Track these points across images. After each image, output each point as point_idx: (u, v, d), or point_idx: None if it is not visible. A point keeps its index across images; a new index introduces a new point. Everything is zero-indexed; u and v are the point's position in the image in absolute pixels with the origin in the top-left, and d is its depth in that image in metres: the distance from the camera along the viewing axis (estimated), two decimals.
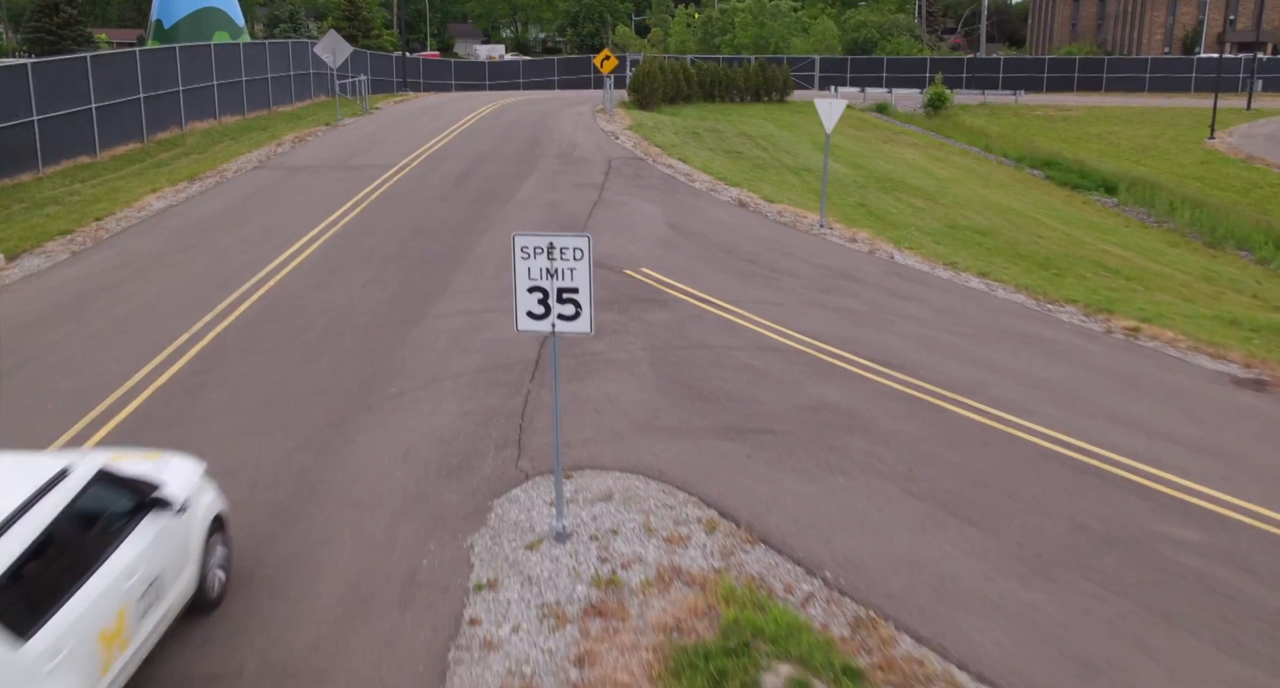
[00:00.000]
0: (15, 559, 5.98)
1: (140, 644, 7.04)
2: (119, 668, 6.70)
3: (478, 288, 16.89)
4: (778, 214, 23.55)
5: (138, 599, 7.00)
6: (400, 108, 45.55)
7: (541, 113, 43.46)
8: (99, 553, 6.82)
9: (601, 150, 31.84)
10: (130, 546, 7.09)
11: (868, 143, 49.72)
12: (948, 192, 33.87)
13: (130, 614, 6.88)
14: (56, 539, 6.45)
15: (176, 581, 7.60)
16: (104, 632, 6.53)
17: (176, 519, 7.70)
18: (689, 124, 44.30)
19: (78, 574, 6.55)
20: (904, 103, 71.37)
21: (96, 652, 6.43)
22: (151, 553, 7.26)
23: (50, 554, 6.36)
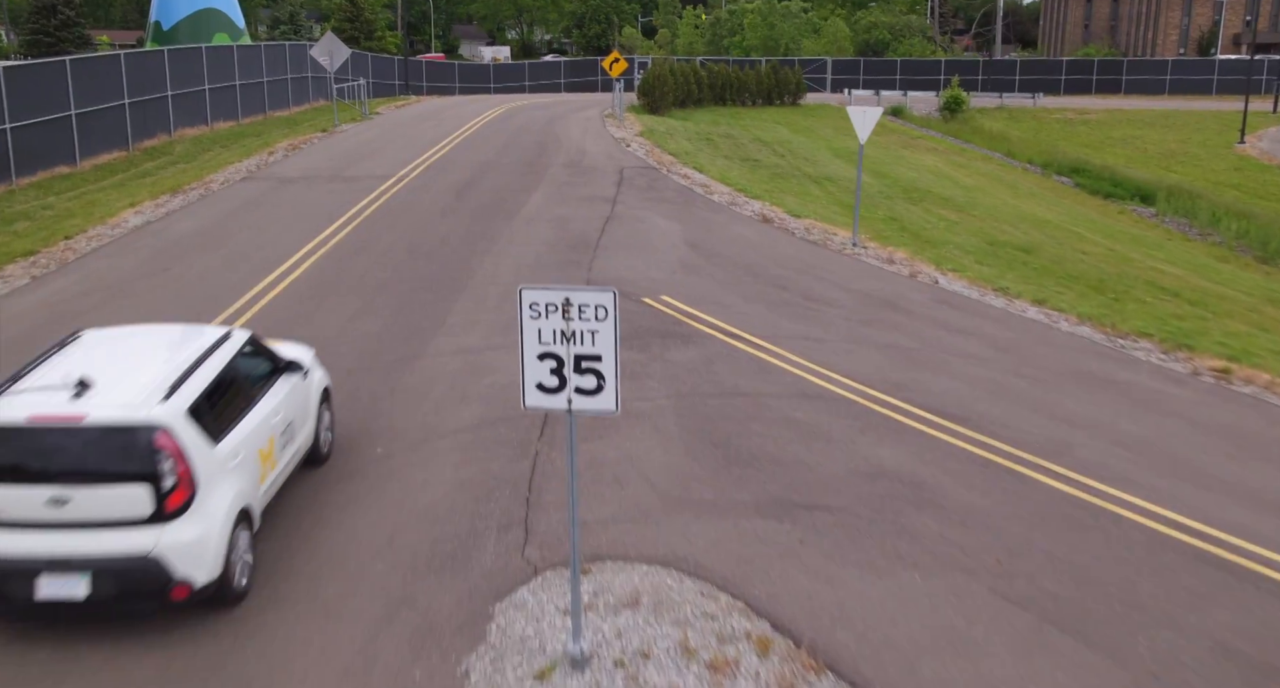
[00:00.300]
0: (204, 390, 8.29)
1: (281, 469, 9.37)
2: (270, 482, 9.06)
3: (479, 321, 15.06)
4: (805, 231, 21.68)
5: (280, 434, 9.32)
6: (401, 112, 43.75)
7: (548, 118, 41.64)
8: (254, 396, 9.12)
9: (612, 159, 30.00)
10: (273, 395, 9.41)
11: (886, 148, 47.83)
12: (977, 202, 31.99)
13: (276, 443, 9.19)
14: (226, 381, 8.73)
15: (302, 430, 9.96)
16: (261, 451, 8.84)
17: (302, 382, 10.09)
18: (702, 129, 42.46)
19: (242, 408, 8.82)
20: (919, 106, 69.49)
21: (257, 464, 8.75)
22: (286, 403, 9.58)
23: (224, 391, 8.63)
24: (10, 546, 7.58)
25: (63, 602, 7.58)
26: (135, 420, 7.72)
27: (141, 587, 7.64)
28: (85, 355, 8.68)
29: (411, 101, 50.55)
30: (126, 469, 7.62)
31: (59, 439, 7.66)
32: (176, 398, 8.04)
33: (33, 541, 7.59)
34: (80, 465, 7.62)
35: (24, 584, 7.55)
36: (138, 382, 8.15)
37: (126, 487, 7.60)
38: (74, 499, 7.55)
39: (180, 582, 7.67)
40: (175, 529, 7.71)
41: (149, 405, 7.85)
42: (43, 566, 7.54)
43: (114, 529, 7.64)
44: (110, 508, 7.61)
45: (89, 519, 7.61)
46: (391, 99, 51.90)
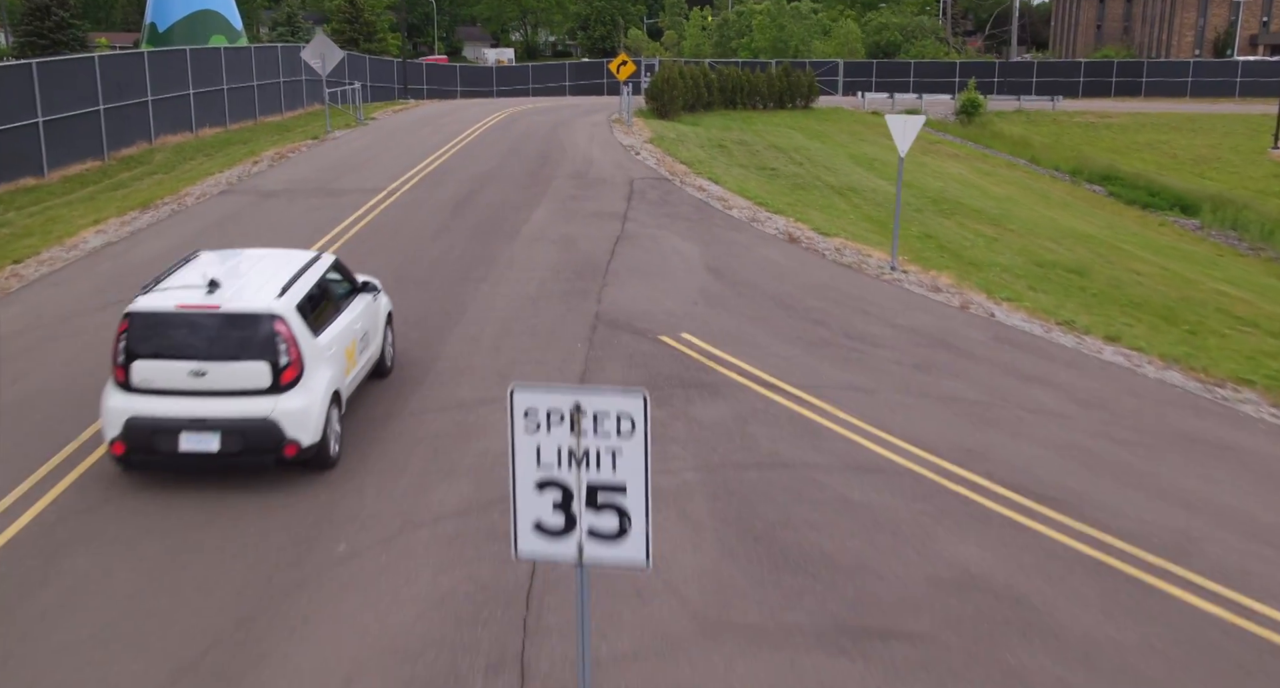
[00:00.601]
0: (306, 293, 10.25)
1: (360, 368, 11.26)
2: (352, 376, 10.94)
3: (471, 367, 12.94)
4: (837, 252, 19.53)
5: (359, 339, 11.22)
6: (399, 118, 41.64)
7: (553, 123, 39.53)
8: (340, 306, 11.02)
9: (621, 169, 27.88)
10: (353, 308, 11.28)
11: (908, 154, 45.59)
12: (1011, 214, 29.83)
13: (356, 347, 11.07)
14: (321, 290, 10.69)
15: (374, 340, 11.82)
16: (347, 349, 10.75)
17: (374, 301, 11.99)
18: (714, 135, 40.34)
19: (331, 313, 10.71)
20: (934, 109, 67.28)
21: (344, 359, 10.62)
22: (363, 316, 11.45)
23: (319, 297, 10.58)
24: (159, 408, 9.44)
25: (199, 454, 9.42)
26: (259, 309, 9.65)
27: (260, 444, 9.49)
28: (206, 267, 10.44)
29: (410, 106, 48.46)
30: (251, 349, 9.52)
31: (199, 323, 9.55)
32: (288, 296, 9.99)
33: (176, 405, 9.45)
34: (215, 345, 9.51)
35: (169, 439, 9.42)
36: (256, 283, 10.13)
37: (251, 363, 9.51)
38: (209, 372, 9.47)
39: (290, 441, 9.53)
40: (287, 399, 9.56)
41: (268, 299, 9.80)
42: (184, 424, 9.40)
43: (240, 397, 9.50)
44: (237, 380, 9.50)
45: (221, 388, 9.49)
46: (390, 103, 49.81)
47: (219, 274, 10.11)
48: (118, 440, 9.55)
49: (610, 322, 14.68)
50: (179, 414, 9.44)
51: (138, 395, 9.58)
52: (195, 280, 10.05)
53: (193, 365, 9.50)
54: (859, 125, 56.78)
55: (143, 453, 9.58)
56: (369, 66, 52.91)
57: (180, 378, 9.51)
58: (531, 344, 13.74)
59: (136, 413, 9.50)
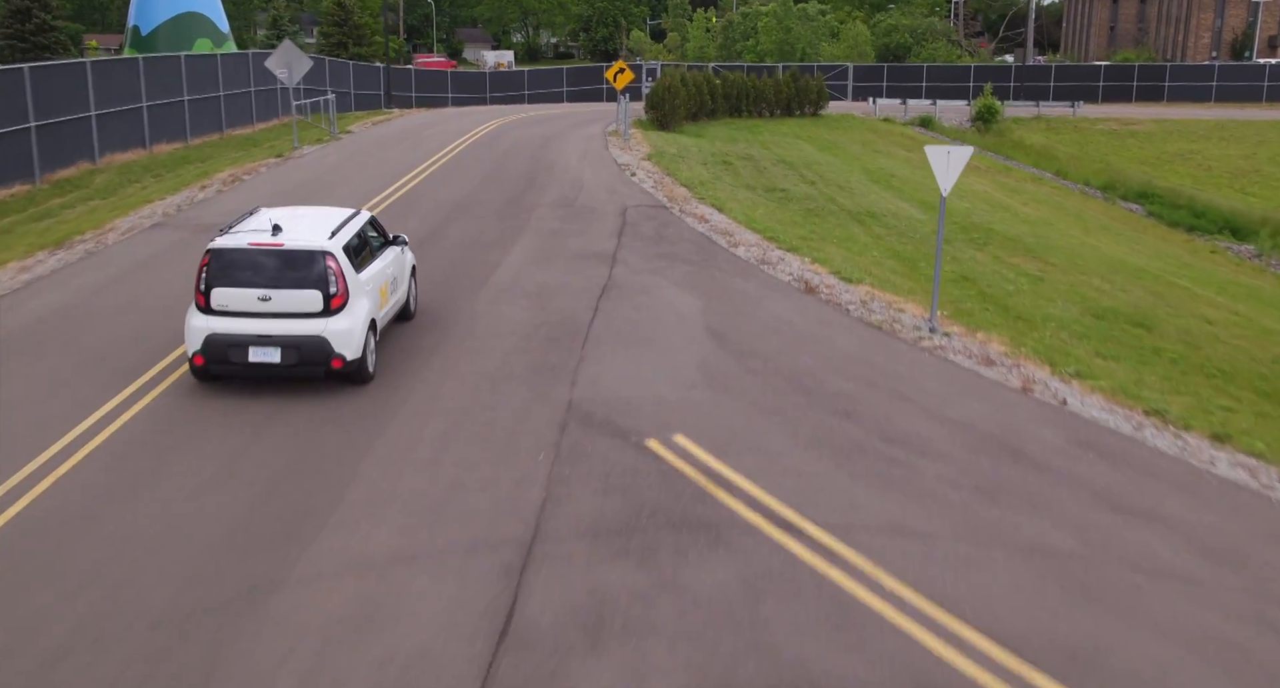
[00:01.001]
0: (350, 237, 12.48)
1: (390, 306, 13.44)
2: (385, 310, 13.09)
3: (397, 492, 9.83)
4: (863, 306, 16.38)
5: (390, 281, 13.40)
6: (377, 130, 38.51)
7: (544, 136, 36.42)
8: (376, 253, 13.26)
9: (614, 194, 24.77)
10: (385, 256, 13.48)
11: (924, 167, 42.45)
12: (1050, 243, 26.68)
13: (388, 289, 13.26)
14: (362, 237, 12.98)
15: (401, 285, 14.03)
16: (381, 288, 12.88)
17: (402, 254, 14.28)
18: (718, 149, 37.21)
19: (369, 257, 12.90)
20: (949, 115, 64.14)
21: (379, 295, 12.75)
22: (394, 264, 13.70)
23: (360, 243, 12.82)
24: (233, 327, 11.69)
25: (264, 364, 11.69)
26: (314, 247, 11.90)
27: (313, 357, 11.71)
28: (264, 215, 12.99)
29: (393, 116, 45.34)
30: (307, 280, 11.76)
31: (266, 258, 11.79)
32: (337, 238, 12.30)
33: (247, 324, 11.70)
34: (279, 276, 11.75)
35: (241, 352, 11.69)
36: (310, 227, 12.45)
37: (307, 291, 11.75)
38: (273, 298, 11.74)
39: (338, 355, 11.74)
40: (335, 321, 11.78)
41: (322, 239, 12.07)
42: (252, 340, 11.68)
43: (297, 319, 11.74)
44: (295, 304, 11.75)
45: (282, 311, 11.76)
46: (372, 113, 46.66)
47: (281, 220, 12.54)
48: (198, 353, 11.75)
49: (585, 416, 11.56)
50: (248, 331, 11.65)
51: (215, 317, 11.75)
52: (262, 225, 12.34)
53: (260, 292, 11.71)
54: (871, 134, 53.63)
55: (218, 364, 11.74)
56: (352, 73, 49.85)
57: (249, 302, 11.70)
58: (481, 457, 10.59)
59: (214, 331, 11.69)
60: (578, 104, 62.13)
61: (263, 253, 11.77)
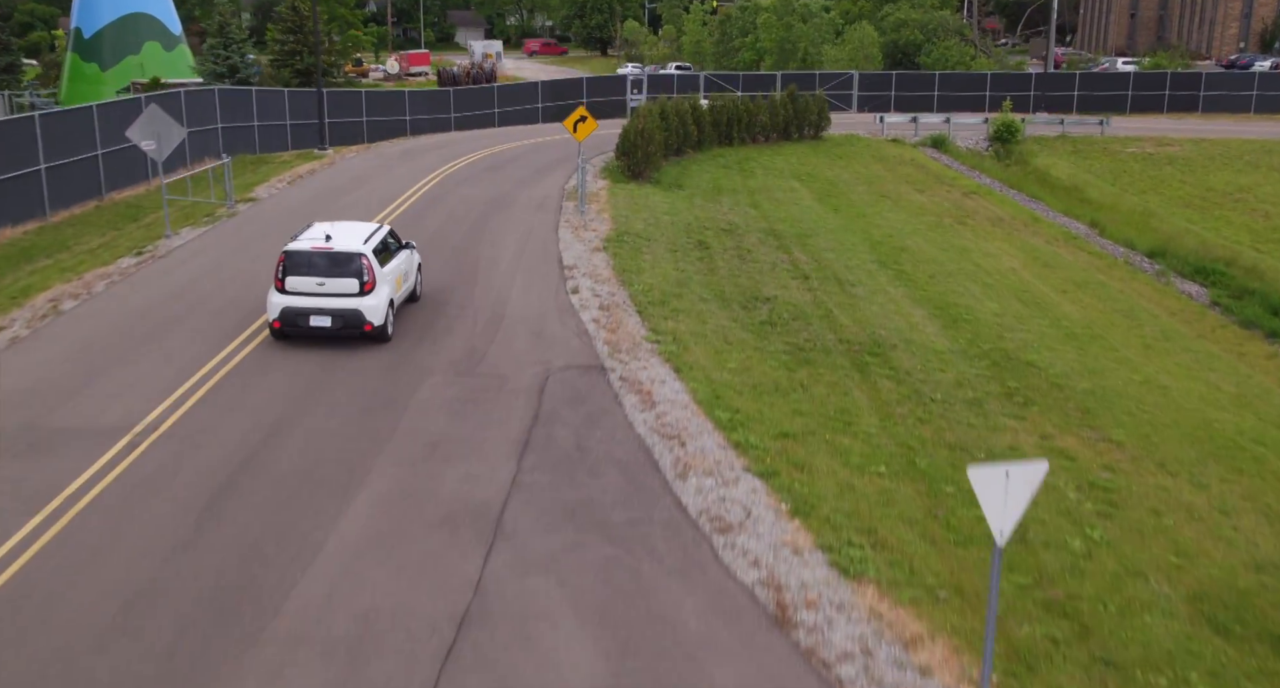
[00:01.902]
0: (377, 243, 18.08)
1: (404, 291, 19.05)
2: (400, 294, 18.71)
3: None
4: (864, 661, 10.24)
5: (403, 274, 18.87)
6: (287, 195, 32.05)
7: (487, 203, 30.12)
8: (393, 254, 18.58)
9: (540, 339, 18.58)
10: (400, 257, 18.91)
11: (936, 221, 36.20)
12: (1106, 388, 20.41)
13: (403, 278, 18.92)
14: (385, 242, 18.45)
15: (410, 278, 19.56)
16: (396, 278, 18.40)
17: (412, 255, 19.80)
18: (696, 216, 30.99)
19: (389, 257, 18.29)
20: (964, 134, 57.68)
21: (395, 283, 18.26)
22: (406, 261, 19.21)
23: (384, 247, 18.33)
24: (299, 303, 17.34)
25: (320, 328, 17.42)
26: (354, 250, 17.52)
27: (353, 323, 17.40)
28: (318, 228, 18.70)
29: (324, 161, 38.91)
30: (349, 272, 17.34)
31: (322, 258, 17.45)
32: (369, 243, 17.81)
33: (308, 301, 17.35)
34: (329, 268, 17.37)
35: (304, 319, 17.34)
36: (351, 236, 18.07)
37: (348, 279, 17.32)
38: (326, 283, 17.29)
39: (369, 322, 17.38)
40: (367, 300, 17.38)
41: (359, 245, 17.65)
42: (311, 311, 17.32)
43: (342, 297, 17.34)
44: (341, 287, 17.31)
45: (332, 292, 17.33)
46: (303, 155, 40.11)
47: (330, 232, 18.25)
48: (276, 320, 17.63)
49: None
50: (310, 306, 17.48)
51: (288, 295, 17.53)
52: (317, 234, 18.17)
53: (317, 280, 17.47)
54: (878, 165, 47.22)
55: (289, 327, 17.65)
56: (288, 103, 43.43)
57: (310, 285, 17.46)
58: None
59: (287, 305, 17.51)
60: (553, 126, 55.64)
61: (319, 254, 17.56)
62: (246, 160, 38.94)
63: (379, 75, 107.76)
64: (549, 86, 57.72)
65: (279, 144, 42.77)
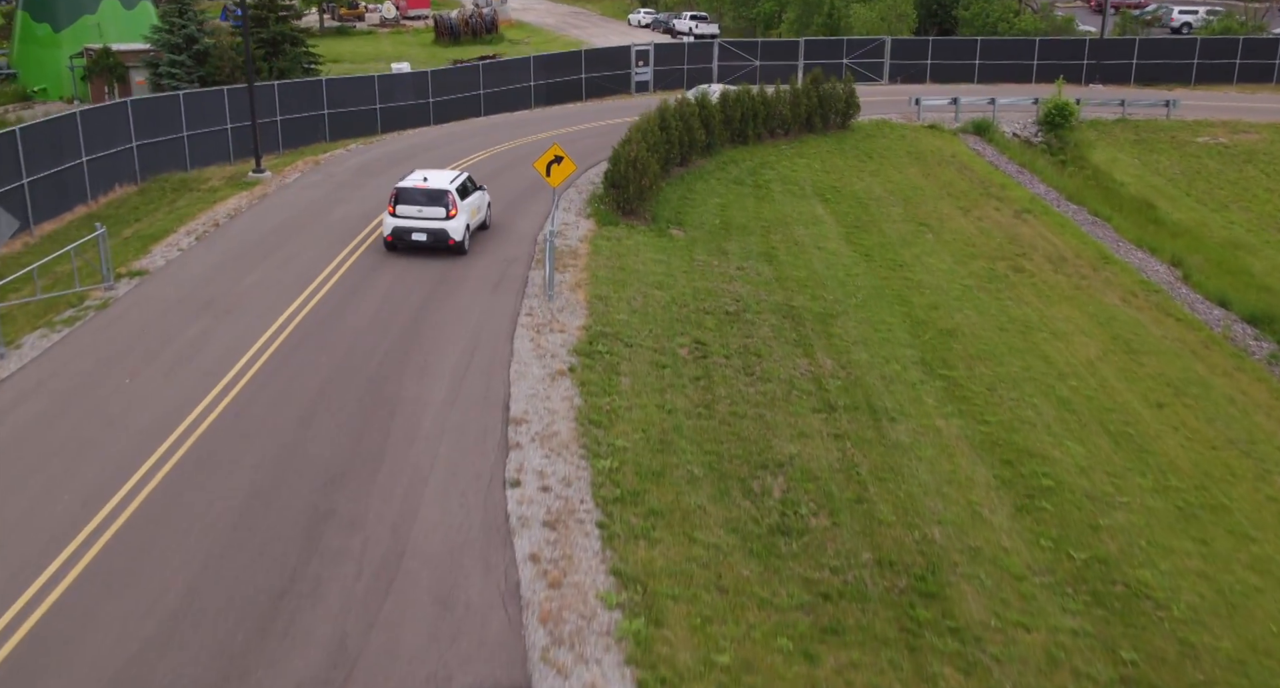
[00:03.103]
0: (460, 183, 25.48)
1: (478, 220, 26.68)
2: (474, 221, 26.31)
3: None
4: None
5: (476, 208, 26.39)
6: (187, 266, 25.28)
7: (433, 283, 23.81)
8: (470, 192, 25.93)
9: (440, 630, 12.49)
10: (474, 195, 26.22)
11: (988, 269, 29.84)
12: (1269, 649, 14.38)
13: (477, 210, 26.50)
14: (465, 184, 25.85)
15: (481, 211, 26.95)
16: (473, 210, 26.01)
17: (483, 194, 27.21)
18: (695, 283, 24.79)
19: (467, 194, 25.60)
20: (1010, 118, 50.61)
21: (470, 213, 25.78)
22: (479, 200, 26.62)
23: (465, 187, 25.72)
24: (404, 224, 24.69)
25: (418, 242, 24.82)
26: (443, 187, 24.64)
27: (441, 239, 24.73)
28: (419, 173, 25.49)
29: (258, 188, 32.22)
30: (439, 202, 24.59)
31: (421, 192, 24.62)
32: (454, 183, 24.97)
33: (411, 222, 24.69)
34: (425, 200, 24.60)
35: (408, 235, 24.78)
36: (440, 178, 25.11)
37: (438, 208, 24.58)
38: (424, 211, 24.59)
39: (452, 238, 24.75)
40: (451, 223, 24.64)
41: (446, 184, 24.81)
42: (414, 230, 24.72)
43: (434, 220, 24.60)
44: (433, 214, 24.60)
45: (427, 216, 24.61)
46: (233, 185, 33.29)
47: (427, 175, 25.07)
48: (389, 235, 24.86)
49: None
50: (413, 226, 24.56)
51: (397, 218, 24.60)
52: (419, 177, 24.95)
53: (417, 208, 24.50)
54: (915, 169, 40.54)
55: (399, 240, 24.83)
56: (228, 102, 36.89)
57: (414, 212, 24.49)
58: None
59: (397, 226, 24.63)
60: (549, 113, 48.77)
61: (419, 190, 24.62)
62: (169, 184, 32.68)
63: (375, 19, 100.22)
64: (543, 63, 50.69)
65: (219, 155, 36.42)
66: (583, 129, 43.00)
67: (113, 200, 30.61)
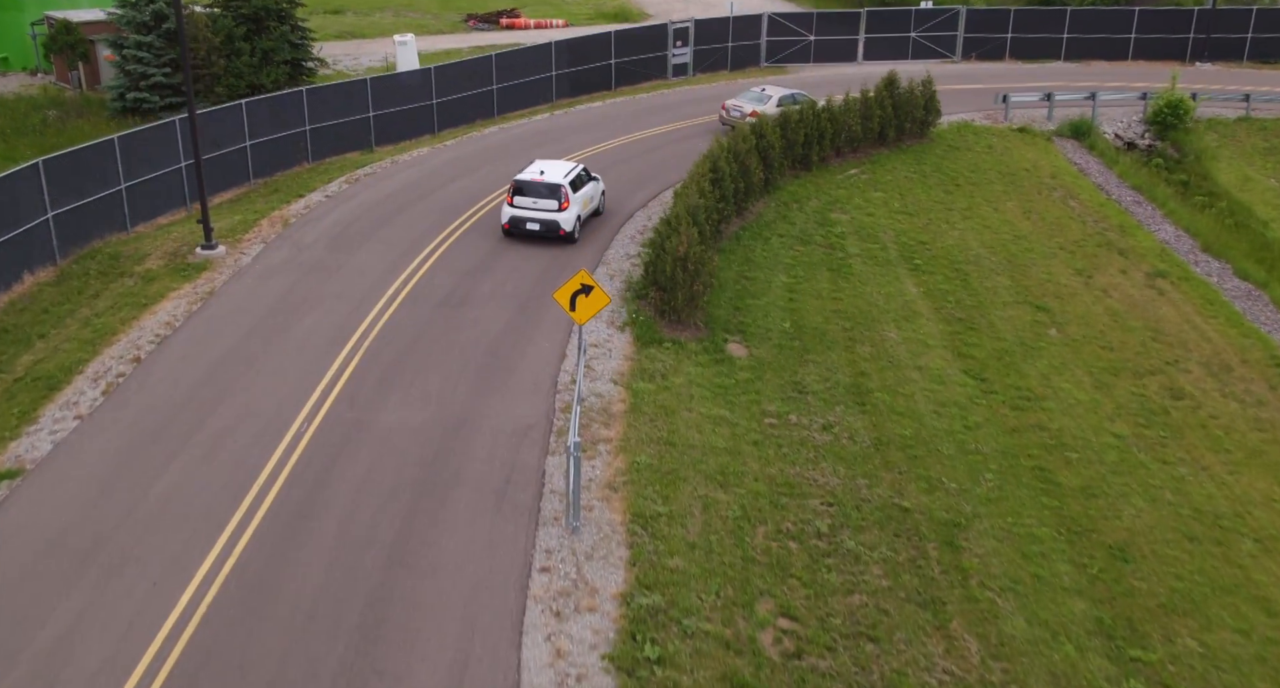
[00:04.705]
0: (573, 176, 26.75)
1: (589, 210, 27.89)
2: (586, 211, 27.50)
3: None
4: None
5: (591, 198, 27.85)
6: (92, 444, 18.44)
7: (412, 490, 16.95)
8: (584, 184, 27.29)
9: None
10: (589, 186, 27.65)
11: (1136, 397, 22.86)
12: None
13: (589, 201, 27.72)
14: (579, 176, 27.07)
15: (595, 200, 28.32)
16: (584, 201, 27.29)
17: (597, 184, 28.49)
18: (769, 467, 17.98)
19: (580, 186, 27.00)
20: (1111, 114, 42.64)
21: (583, 204, 27.19)
22: (593, 189, 27.99)
23: (579, 180, 27.01)
24: (521, 214, 26.32)
25: (532, 231, 26.29)
26: (557, 181, 26.21)
27: (552, 229, 26.22)
28: (537, 165, 27.00)
29: (204, 274, 24.61)
30: (553, 195, 26.17)
31: (537, 186, 26.23)
32: (568, 177, 26.43)
33: (526, 213, 26.30)
34: (540, 192, 26.23)
35: (523, 224, 26.38)
36: (555, 171, 26.62)
37: (551, 200, 26.16)
38: (538, 202, 26.24)
39: (563, 228, 26.20)
40: (563, 214, 26.11)
41: (560, 177, 26.32)
42: (528, 220, 26.29)
43: (547, 212, 26.16)
44: (547, 206, 26.18)
45: (541, 208, 26.21)
46: (178, 263, 25.93)
47: (544, 168, 26.46)
48: (505, 224, 26.49)
49: None
50: (528, 216, 26.08)
51: (514, 209, 26.23)
52: (536, 170, 26.37)
53: (532, 200, 26.06)
54: (1014, 202, 33.21)
55: (514, 229, 26.39)
56: (179, 136, 29.41)
57: (529, 203, 26.07)
58: None
59: (514, 215, 26.26)
60: (574, 117, 40.94)
61: (535, 183, 26.01)
62: (96, 263, 25.68)
63: None
64: (566, 49, 42.70)
65: (169, 201, 29.32)
66: (617, 147, 35.51)
67: (20, 296, 23.74)
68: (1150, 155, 40.29)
